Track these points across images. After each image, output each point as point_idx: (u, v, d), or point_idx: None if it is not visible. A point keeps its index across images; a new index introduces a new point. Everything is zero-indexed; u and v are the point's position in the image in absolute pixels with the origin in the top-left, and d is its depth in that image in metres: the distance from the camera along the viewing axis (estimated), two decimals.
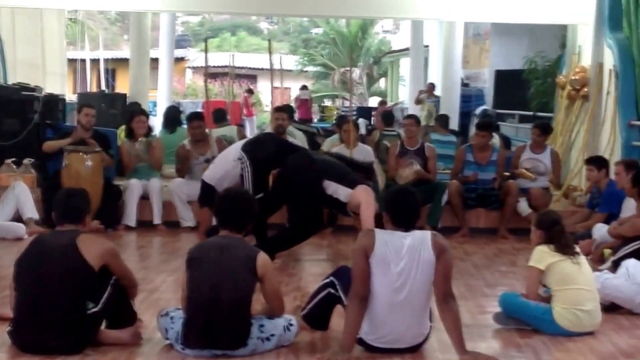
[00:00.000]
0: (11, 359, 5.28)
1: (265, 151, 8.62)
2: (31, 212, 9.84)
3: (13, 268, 5.50)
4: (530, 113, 17.91)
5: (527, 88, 18.58)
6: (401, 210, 5.40)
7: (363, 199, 7.79)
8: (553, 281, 6.10)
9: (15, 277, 5.45)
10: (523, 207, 10.40)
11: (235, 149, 8.83)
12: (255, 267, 5.36)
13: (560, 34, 16.60)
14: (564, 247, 6.16)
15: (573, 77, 12.60)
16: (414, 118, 11.41)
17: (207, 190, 8.65)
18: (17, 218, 9.82)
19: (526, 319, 6.15)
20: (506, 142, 13.55)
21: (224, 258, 5.36)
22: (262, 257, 5.45)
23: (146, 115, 11.14)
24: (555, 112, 13.80)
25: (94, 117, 10.42)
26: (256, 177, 8.45)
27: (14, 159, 11.09)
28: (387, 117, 14.97)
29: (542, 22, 14.21)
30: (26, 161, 11.08)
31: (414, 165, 10.48)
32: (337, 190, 8.00)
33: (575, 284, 6.05)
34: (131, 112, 11.30)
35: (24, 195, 9.86)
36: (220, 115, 14.25)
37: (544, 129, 11.00)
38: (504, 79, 22.10)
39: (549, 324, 6.03)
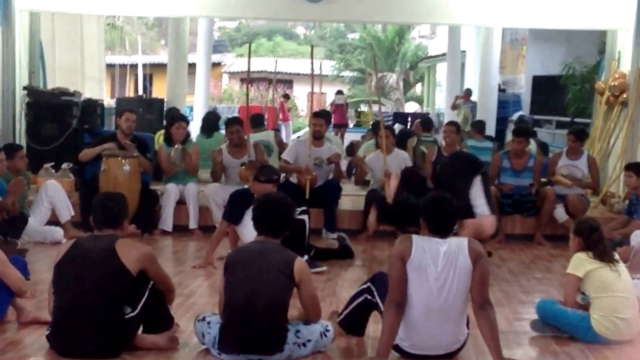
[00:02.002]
0: None
1: None
2: (67, 213, 9.89)
3: (51, 272, 5.55)
4: (568, 119, 17.80)
5: (565, 94, 18.47)
6: (438, 217, 5.39)
7: None
8: (591, 288, 6.06)
9: (54, 281, 5.49)
10: (560, 213, 10.34)
11: None
12: (292, 272, 5.37)
13: (598, 40, 16.50)
14: (603, 254, 6.11)
15: (612, 83, 12.49)
16: (454, 125, 11.37)
17: None
18: (55, 220, 9.88)
19: (563, 326, 6.12)
20: (543, 148, 13.47)
21: (261, 263, 5.37)
22: (299, 263, 5.46)
23: (186, 121, 11.19)
24: (593, 118, 13.69)
25: (134, 122, 10.48)
26: None
27: (52, 164, 11.16)
28: (426, 122, 14.94)
29: (580, 28, 14.10)
30: (64, 166, 11.15)
31: None
32: None
33: (614, 292, 6.01)
34: (172, 118, 11.34)
35: (58, 197, 9.89)
36: (258, 120, 14.29)
37: (579, 134, 10.92)
38: (541, 84, 22.00)
39: (586, 332, 6.00)
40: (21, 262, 6.65)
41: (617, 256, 6.25)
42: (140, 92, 28.68)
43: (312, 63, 11.43)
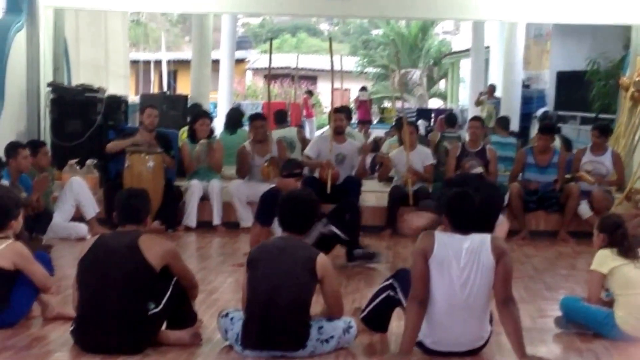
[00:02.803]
0: (73, 358, 5.36)
1: None
2: (92, 209, 9.94)
3: (75, 268, 5.58)
4: (592, 115, 17.68)
5: (589, 89, 18.34)
6: (460, 214, 5.38)
7: None
8: (616, 285, 6.02)
9: (78, 277, 5.53)
10: (584, 209, 10.28)
11: None
12: (315, 269, 5.38)
13: (623, 35, 16.37)
14: (627, 251, 6.07)
15: (637, 79, 12.41)
16: (479, 120, 11.35)
17: None
18: (79, 217, 9.93)
19: (587, 323, 6.09)
20: (567, 144, 13.41)
21: (284, 259, 5.38)
22: (322, 259, 5.46)
23: (210, 118, 11.22)
24: (618, 114, 13.60)
25: (156, 118, 10.48)
26: None
27: (77, 160, 11.20)
28: (450, 118, 14.90)
29: (605, 23, 13.99)
30: (89, 162, 11.20)
31: (477, 169, 10.41)
32: None
33: (639, 289, 5.97)
34: (195, 114, 11.37)
35: (83, 194, 9.94)
36: (281, 117, 14.32)
37: (604, 130, 10.85)
38: (565, 80, 21.85)
39: (610, 329, 5.96)
40: (46, 258, 6.68)
41: None
42: (165, 88, 28.75)
43: (331, 57, 11.43)
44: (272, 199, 8.25)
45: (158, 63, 31.33)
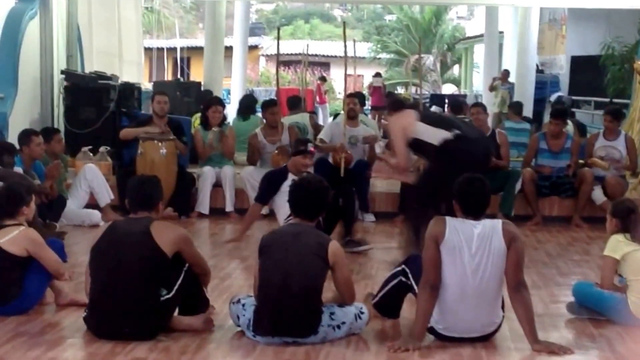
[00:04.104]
0: (86, 344, 5.38)
1: None
2: (106, 196, 9.95)
3: (88, 255, 5.60)
4: (607, 100, 17.63)
5: (604, 74, 18.28)
6: (471, 198, 5.37)
7: None
8: (629, 271, 6.00)
9: (90, 263, 5.55)
10: (598, 195, 10.25)
11: None
12: (326, 255, 5.38)
13: (638, 19, 16.31)
14: None
15: None
16: (480, 105, 11.30)
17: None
18: (93, 204, 9.96)
19: (600, 308, 6.07)
20: (581, 129, 13.36)
21: (296, 246, 5.38)
22: (334, 245, 5.47)
23: (222, 105, 11.22)
24: (632, 98, 13.56)
25: (166, 104, 10.46)
26: None
27: (90, 147, 11.23)
28: (455, 104, 14.86)
29: (620, 7, 13.94)
30: (102, 149, 11.22)
31: None
32: None
33: None
34: (208, 101, 11.36)
35: (97, 181, 9.95)
36: (295, 102, 14.31)
37: (616, 114, 10.77)
38: (580, 65, 21.80)
39: (623, 314, 5.94)
40: (58, 245, 6.70)
41: None
42: (178, 75, 28.78)
43: (344, 44, 11.42)
44: (274, 178, 8.38)
45: (171, 50, 31.36)
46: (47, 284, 6.15)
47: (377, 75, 28.29)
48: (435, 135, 7.38)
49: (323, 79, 27.99)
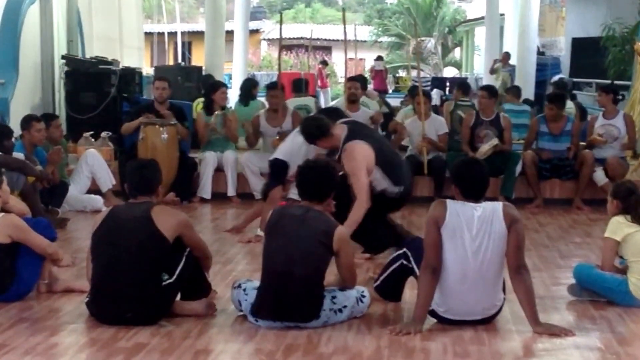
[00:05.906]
0: (89, 329, 5.39)
1: None
2: (108, 182, 9.96)
3: (90, 240, 5.61)
4: (608, 81, 17.59)
5: (605, 56, 18.24)
6: (470, 181, 5.37)
7: None
8: (629, 252, 6.01)
9: (92, 249, 5.56)
10: (599, 176, 10.25)
11: None
12: (331, 242, 5.39)
13: (639, 0, 16.25)
14: None
15: None
16: (488, 89, 11.24)
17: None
18: (95, 189, 9.96)
19: (601, 290, 6.08)
20: (582, 112, 13.33)
21: (301, 231, 5.39)
22: (340, 232, 5.47)
23: (226, 87, 11.23)
24: (633, 80, 13.54)
25: (165, 90, 10.48)
26: None
27: (91, 132, 11.23)
28: (464, 86, 14.83)
29: None
30: (104, 134, 11.22)
31: (493, 140, 10.39)
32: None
33: None
34: (214, 84, 11.36)
35: (98, 166, 9.97)
36: (299, 85, 14.28)
37: (607, 89, 10.89)
38: (580, 46, 21.73)
39: (624, 296, 5.96)
40: (44, 223, 6.48)
41: None
42: (179, 60, 28.72)
43: (344, 28, 11.40)
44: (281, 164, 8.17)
45: (172, 34, 31.28)
46: (41, 264, 6.05)
47: (379, 58, 28.24)
48: (381, 183, 7.16)
49: (324, 63, 27.97)
